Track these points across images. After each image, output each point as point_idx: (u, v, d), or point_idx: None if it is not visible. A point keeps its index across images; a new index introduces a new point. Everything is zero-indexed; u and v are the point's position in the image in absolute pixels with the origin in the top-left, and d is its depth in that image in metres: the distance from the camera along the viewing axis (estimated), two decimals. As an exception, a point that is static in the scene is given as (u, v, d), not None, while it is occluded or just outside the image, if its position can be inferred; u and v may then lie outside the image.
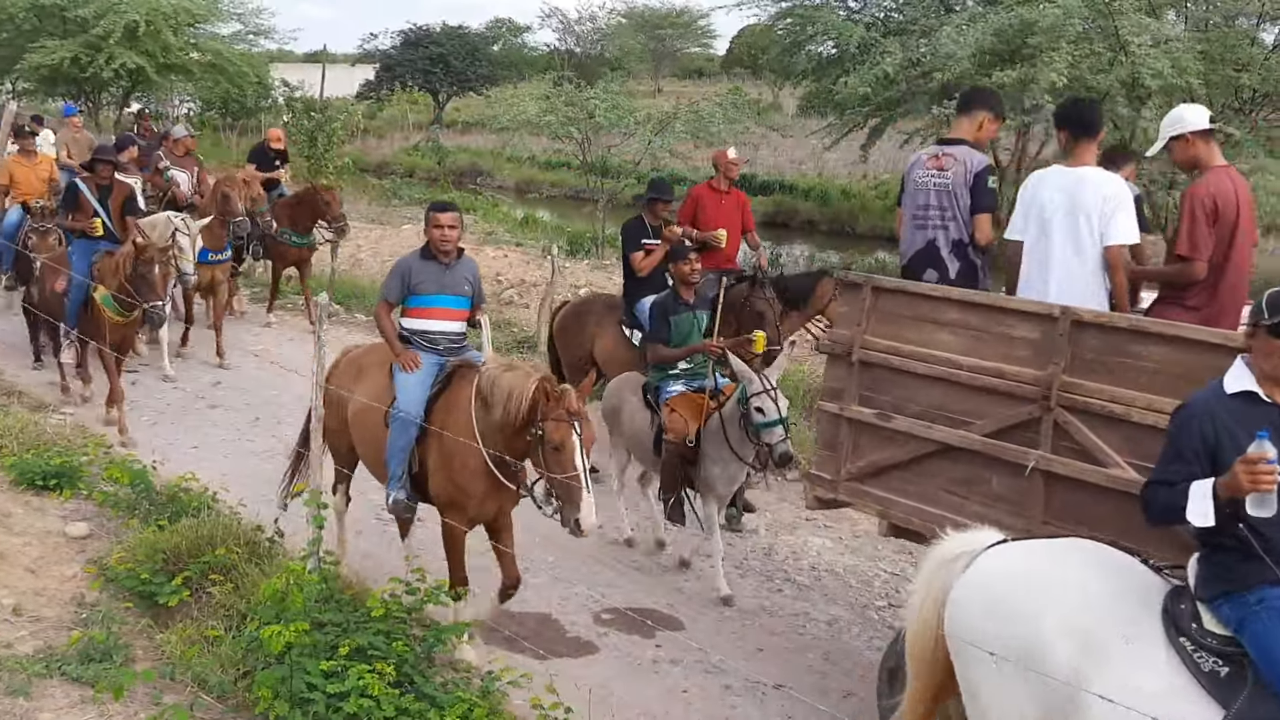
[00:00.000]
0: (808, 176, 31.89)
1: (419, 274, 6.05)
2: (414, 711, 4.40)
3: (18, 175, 11.33)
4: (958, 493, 4.88)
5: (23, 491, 7.01)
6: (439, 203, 6.32)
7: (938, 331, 5.02)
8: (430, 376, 5.92)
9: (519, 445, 5.40)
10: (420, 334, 6.09)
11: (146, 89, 30.14)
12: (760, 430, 6.40)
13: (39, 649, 5.12)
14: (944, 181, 5.78)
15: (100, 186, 9.76)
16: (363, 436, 6.20)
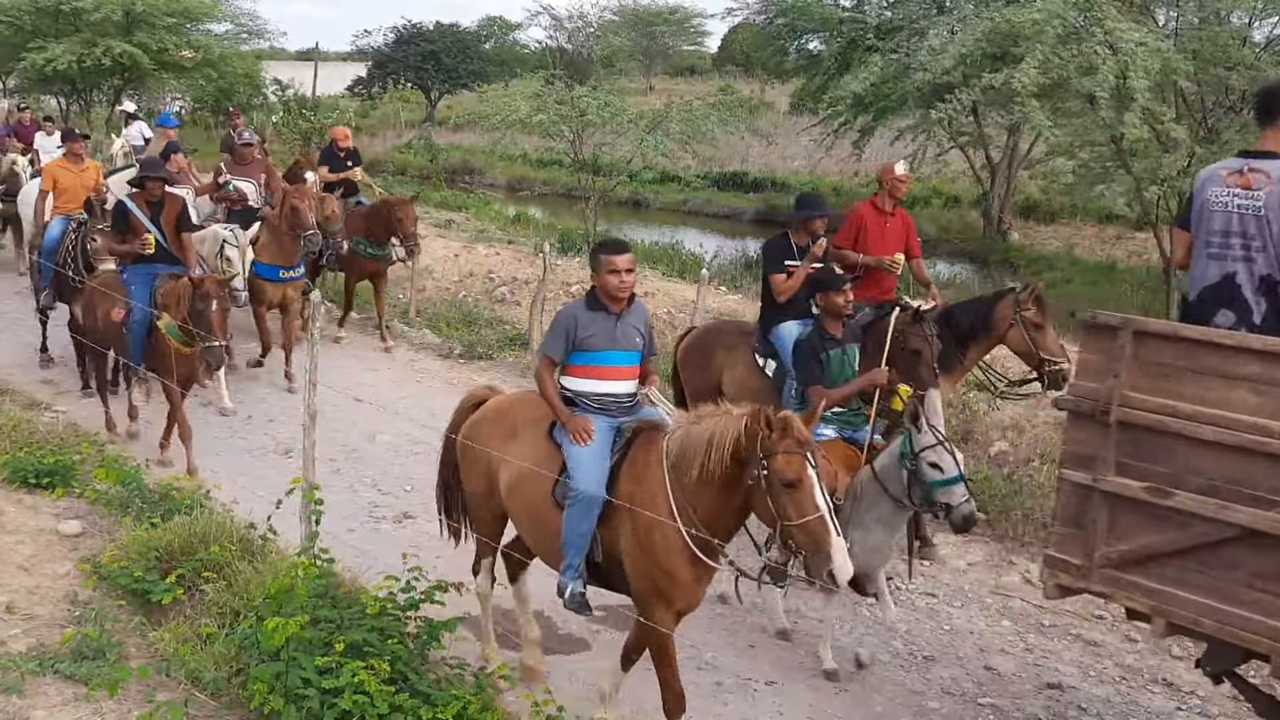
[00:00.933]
0: (799, 174, 31.91)
1: (587, 327, 5.20)
2: (408, 708, 4.42)
3: (63, 182, 10.38)
4: (1269, 590, 4.04)
5: (15, 490, 7.02)
6: (612, 242, 5.43)
7: (1233, 388, 4.17)
8: (607, 445, 5.09)
9: (732, 502, 4.65)
10: (587, 396, 5.25)
11: (139, 85, 30.07)
12: (935, 489, 5.48)
13: (32, 647, 5.14)
14: (1252, 203, 4.71)
15: (151, 203, 8.75)
16: (524, 512, 5.35)
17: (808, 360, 6.37)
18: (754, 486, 4.47)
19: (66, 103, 31.23)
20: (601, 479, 4.96)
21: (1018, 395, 8.05)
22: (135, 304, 8.30)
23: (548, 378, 5.28)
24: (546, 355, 5.34)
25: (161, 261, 8.63)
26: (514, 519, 5.48)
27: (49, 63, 26.40)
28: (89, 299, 8.87)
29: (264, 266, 10.33)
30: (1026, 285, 7.58)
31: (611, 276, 5.17)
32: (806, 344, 6.41)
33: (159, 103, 34.40)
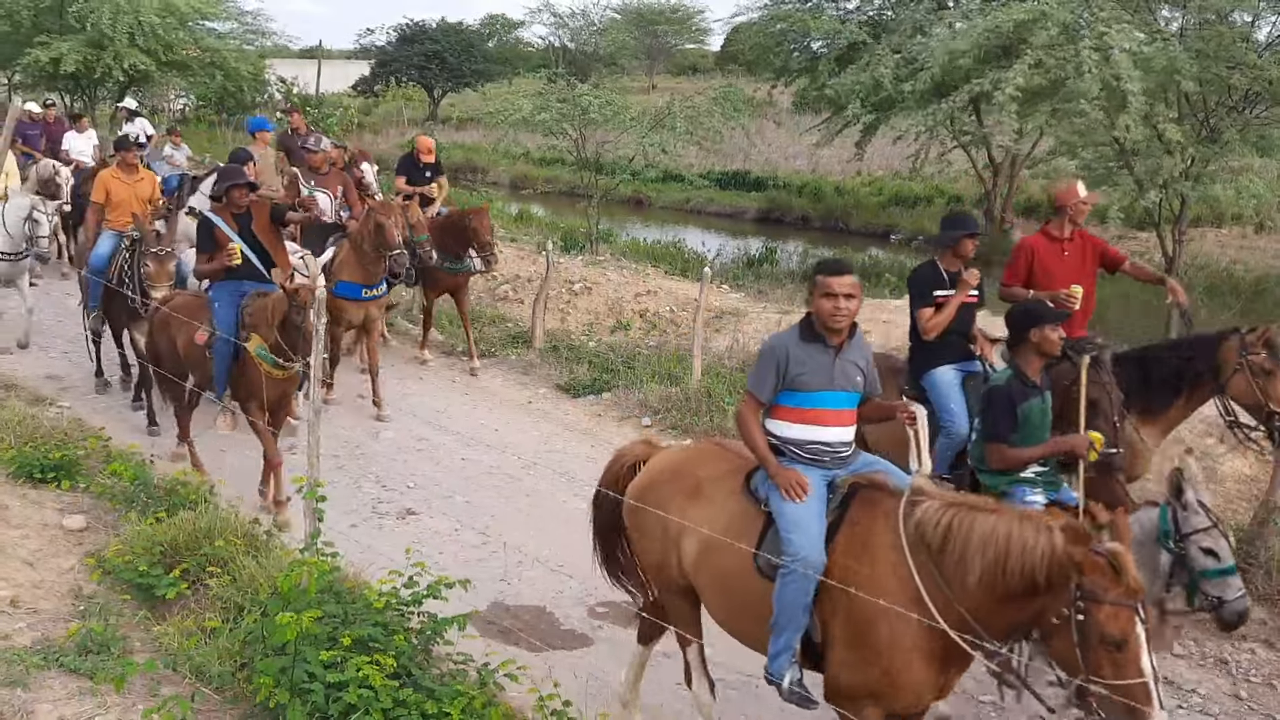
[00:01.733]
0: (801, 173, 31.92)
1: (800, 362, 4.51)
2: (412, 703, 4.43)
3: (116, 194, 9.54)
4: None
5: (20, 484, 7.04)
6: (831, 263, 4.66)
7: None
8: (823, 504, 4.40)
9: (1012, 616, 3.91)
10: (797, 444, 4.55)
11: (142, 83, 30.10)
12: (1206, 579, 4.69)
13: (37, 640, 5.15)
14: None
15: (237, 215, 8.09)
16: (718, 586, 4.65)
17: (1001, 412, 5.34)
18: (1060, 625, 3.73)
19: (71, 100, 31.25)
20: (820, 542, 4.25)
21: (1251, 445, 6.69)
22: (220, 324, 7.63)
23: (753, 421, 4.58)
24: (751, 395, 4.62)
25: (249, 278, 7.96)
26: (704, 595, 4.76)
27: (54, 61, 26.40)
28: (163, 323, 8.24)
29: (345, 285, 9.65)
30: (1254, 327, 6.51)
31: (826, 301, 4.46)
32: (1003, 392, 5.37)
33: (163, 100, 34.48)
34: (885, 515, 4.20)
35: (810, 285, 4.61)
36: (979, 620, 3.91)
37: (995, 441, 5.35)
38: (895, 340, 10.83)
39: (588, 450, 9.15)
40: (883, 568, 4.09)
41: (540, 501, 8.03)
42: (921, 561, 4.01)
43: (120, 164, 9.78)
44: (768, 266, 20.40)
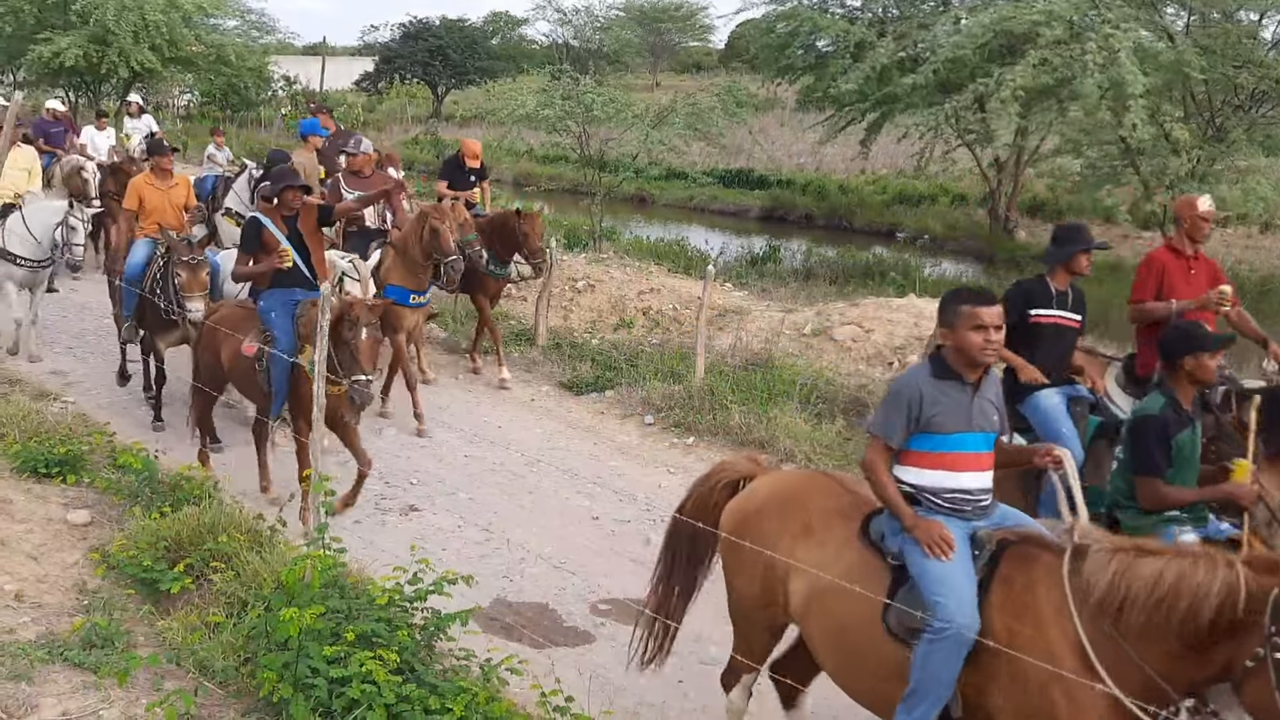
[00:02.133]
0: (805, 171, 31.93)
1: (934, 402, 4.12)
2: (415, 698, 4.44)
3: (150, 200, 9.20)
4: None
5: (24, 479, 7.05)
6: (974, 291, 4.26)
7: None
8: (970, 562, 4.00)
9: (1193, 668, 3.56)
10: (934, 493, 4.15)
11: (147, 79, 30.14)
12: None
13: (41, 635, 5.16)
14: None
15: (286, 218, 7.77)
16: (832, 639, 4.32)
17: (1152, 444, 4.84)
18: (1254, 669, 3.36)
19: (75, 96, 31.29)
20: (973, 604, 3.86)
21: None
22: (278, 335, 7.26)
23: (882, 467, 4.17)
24: (878, 439, 4.20)
25: (299, 284, 7.66)
26: (813, 643, 4.44)
27: (56, 56, 26.44)
28: (206, 335, 7.92)
29: (392, 290, 9.34)
30: None
31: (976, 335, 4.07)
32: (1155, 423, 4.86)
33: (168, 96, 34.51)
34: (1046, 571, 3.81)
35: (950, 316, 4.15)
36: (1165, 676, 3.55)
37: (1149, 476, 4.84)
38: (898, 339, 10.84)
39: (590, 448, 9.16)
40: (1044, 626, 3.73)
41: (543, 499, 8.04)
42: (1094, 619, 3.65)
43: (154, 169, 9.41)
44: (771, 265, 20.41)
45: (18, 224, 10.08)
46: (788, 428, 8.97)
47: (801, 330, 11.49)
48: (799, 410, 9.30)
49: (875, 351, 10.85)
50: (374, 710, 4.32)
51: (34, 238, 10.01)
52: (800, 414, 9.24)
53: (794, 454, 8.72)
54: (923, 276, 19.50)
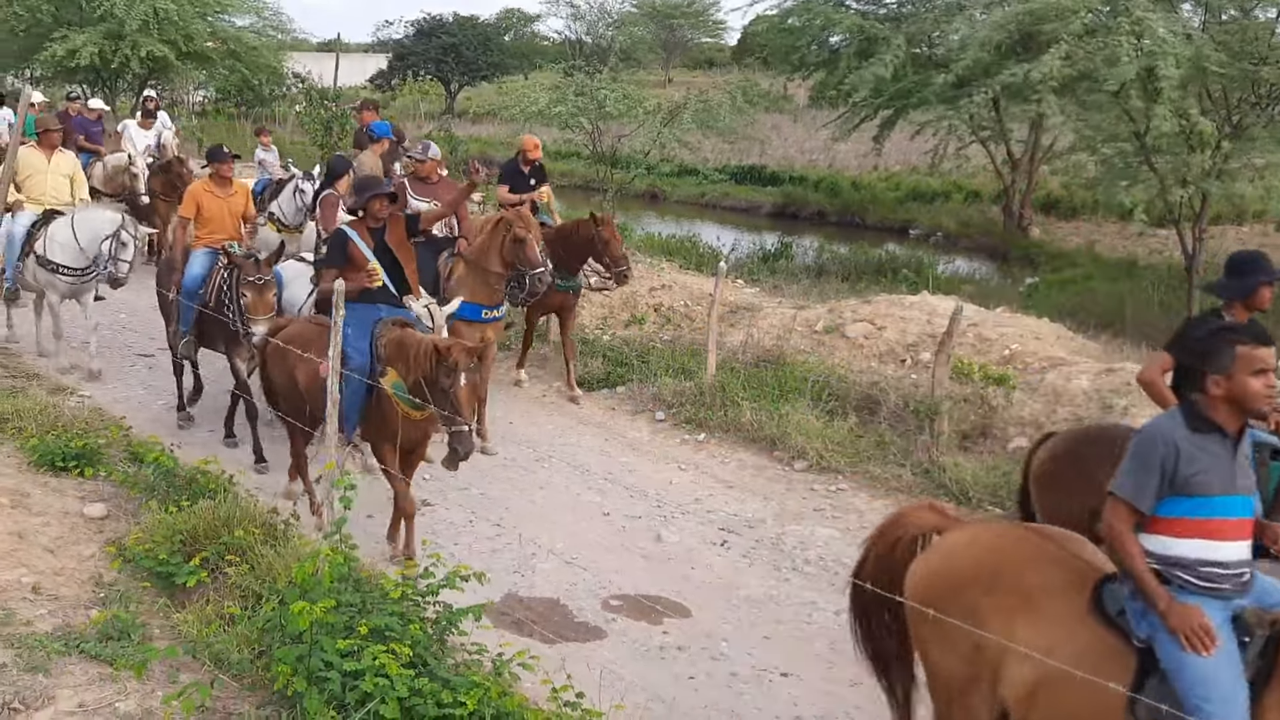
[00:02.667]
0: (818, 167, 31.87)
1: (1192, 459, 3.53)
2: (428, 692, 4.46)
3: (208, 208, 8.77)
4: None
5: (41, 472, 7.10)
6: (1253, 328, 3.75)
7: None
8: (1237, 656, 3.46)
9: None
10: (1189, 566, 3.55)
11: (162, 75, 30.25)
12: None
13: (58, 627, 5.21)
14: None
15: (373, 230, 7.26)
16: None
17: None
18: None
19: (91, 92, 31.42)
20: (1246, 713, 3.36)
21: None
22: (352, 354, 6.70)
23: (1129, 537, 3.59)
24: (1124, 502, 3.61)
25: (383, 301, 7.18)
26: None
27: (71, 54, 26.54)
28: (275, 355, 7.39)
29: (464, 306, 8.69)
30: None
31: (1255, 380, 3.50)
32: None
33: (182, 92, 34.63)
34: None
35: (1223, 359, 3.53)
36: None
37: None
38: (911, 337, 10.83)
39: (601, 444, 9.18)
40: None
41: (554, 494, 8.07)
42: None
43: (213, 176, 8.97)
44: (783, 262, 20.39)
45: (63, 232, 9.71)
46: (799, 425, 8.98)
47: (813, 327, 11.48)
48: (811, 407, 9.30)
49: (888, 349, 10.84)
50: (387, 704, 4.34)
51: (79, 246, 9.63)
52: (812, 411, 9.25)
53: (805, 451, 8.74)
54: (936, 274, 19.48)
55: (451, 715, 4.41)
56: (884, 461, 8.65)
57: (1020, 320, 11.50)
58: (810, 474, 8.62)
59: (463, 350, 6.32)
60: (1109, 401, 8.84)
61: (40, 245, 9.77)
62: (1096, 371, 9.39)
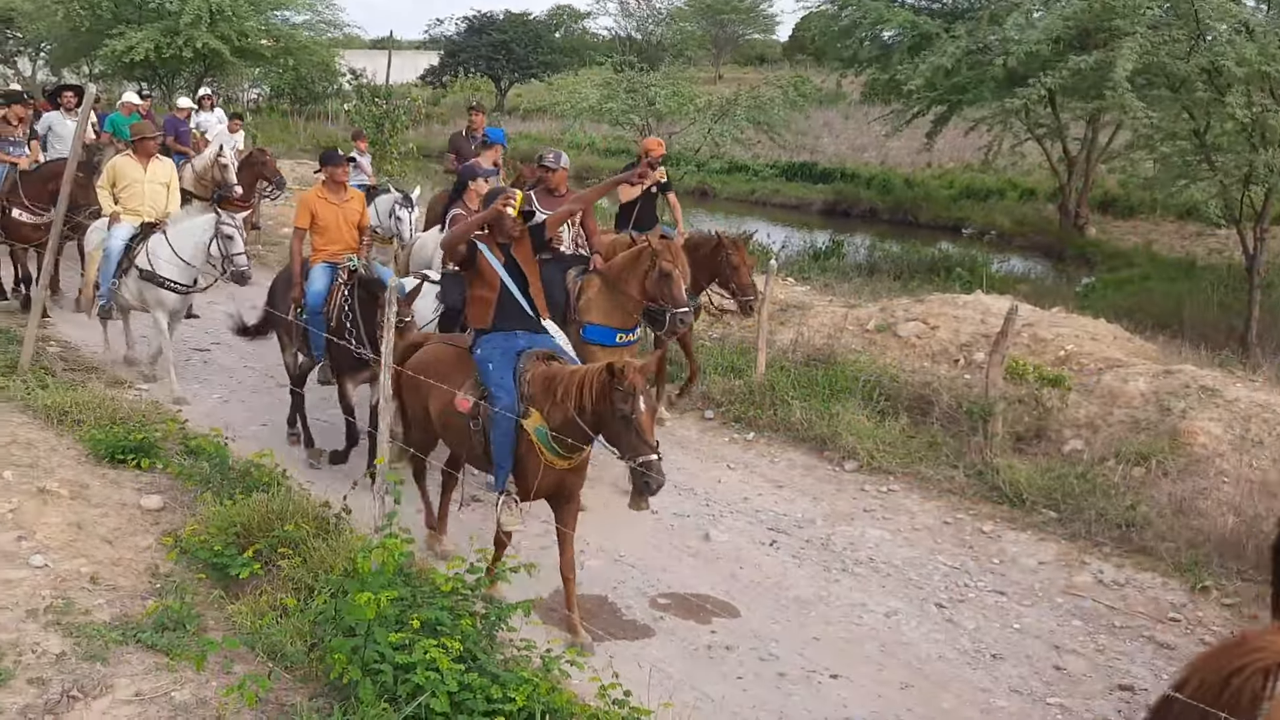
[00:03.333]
0: (870, 164, 31.66)
1: None
2: (477, 687, 4.48)
3: (323, 217, 8.10)
4: None
5: (100, 464, 7.21)
6: None
7: None
8: None
9: None
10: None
11: (218, 72, 30.67)
12: None
13: (115, 617, 5.29)
14: None
15: (503, 245, 6.35)
16: None
17: None
18: None
19: (149, 88, 31.94)
20: None
21: None
22: (497, 392, 5.89)
23: None
24: None
25: (521, 324, 6.27)
26: None
27: (129, 50, 26.99)
28: (407, 381, 6.65)
29: (595, 329, 8.21)
30: None
31: None
32: None
33: (238, 89, 35.09)
34: None
35: None
36: None
37: None
38: (964, 336, 10.72)
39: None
40: None
41: (603, 491, 8.06)
42: None
43: (327, 182, 8.30)
44: (834, 260, 20.28)
45: (162, 247, 9.25)
46: (850, 424, 8.92)
47: (865, 326, 11.39)
48: (861, 407, 9.24)
49: (941, 349, 10.73)
50: (437, 697, 4.37)
51: (183, 260, 9.19)
52: (863, 411, 9.18)
53: (856, 451, 8.68)
54: (990, 273, 19.28)
55: (500, 710, 4.43)
56: (936, 463, 8.57)
57: (1076, 320, 11.34)
58: (861, 474, 8.56)
59: (638, 371, 5.52)
60: (1166, 404, 8.69)
61: (143, 260, 9.31)
62: (1154, 373, 9.23)
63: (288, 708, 4.61)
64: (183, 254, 9.16)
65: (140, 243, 9.40)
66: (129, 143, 10.38)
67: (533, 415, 5.81)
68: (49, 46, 33.37)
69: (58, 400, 8.04)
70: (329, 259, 8.10)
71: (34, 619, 5.10)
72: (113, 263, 9.46)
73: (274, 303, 8.59)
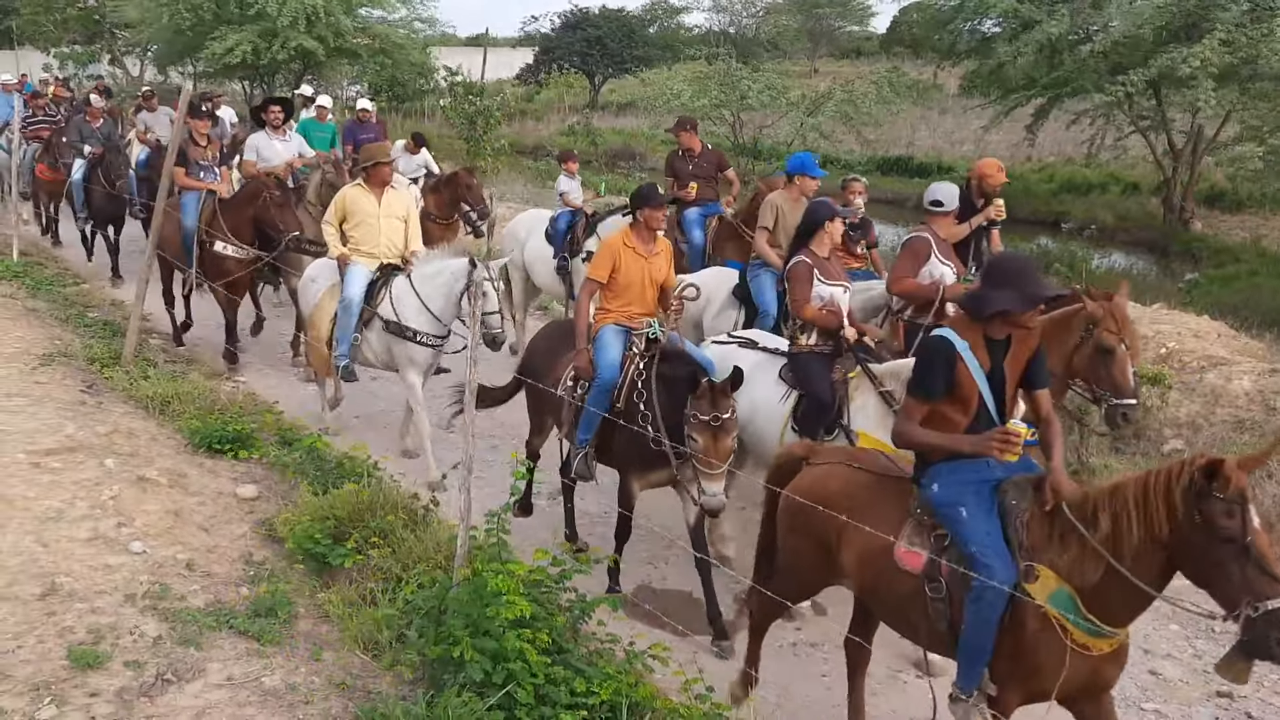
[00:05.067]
0: (967, 159, 31.09)
1: None
2: (562, 679, 4.50)
3: (626, 272, 6.43)
4: None
5: (197, 454, 7.41)
6: None
7: None
8: None
9: None
10: None
11: (316, 72, 31.32)
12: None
13: (210, 603, 5.43)
14: None
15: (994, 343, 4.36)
16: None
17: None
18: None
19: (250, 88, 32.76)
20: None
21: None
22: (978, 551, 4.07)
23: None
24: None
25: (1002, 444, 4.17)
26: None
27: (229, 51, 27.71)
28: (799, 517, 4.79)
29: None
30: None
31: None
32: None
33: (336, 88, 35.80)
34: None
35: None
36: None
37: None
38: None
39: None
40: None
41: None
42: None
43: (638, 227, 6.48)
44: (929, 254, 19.93)
45: (408, 294, 7.97)
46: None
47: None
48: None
49: (1037, 345, 10.49)
50: (524, 688, 4.40)
51: (431, 312, 7.89)
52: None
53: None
54: (1090, 268, 18.77)
55: (584, 704, 4.45)
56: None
57: (1178, 317, 10.98)
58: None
59: (1244, 467, 3.64)
60: (1273, 404, 8.37)
61: (387, 308, 8.01)
62: (1260, 372, 8.90)
63: (374, 695, 4.68)
64: (431, 305, 7.87)
65: (382, 288, 8.10)
66: (342, 163, 9.65)
67: (1041, 575, 3.98)
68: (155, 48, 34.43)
69: (159, 390, 8.29)
70: (623, 322, 6.47)
71: (132, 604, 5.25)
72: (354, 315, 8.01)
73: (534, 368, 6.91)
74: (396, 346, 8.01)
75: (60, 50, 36.83)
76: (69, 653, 4.75)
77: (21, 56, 37.34)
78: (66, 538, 5.81)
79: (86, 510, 6.13)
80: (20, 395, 8.00)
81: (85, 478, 6.54)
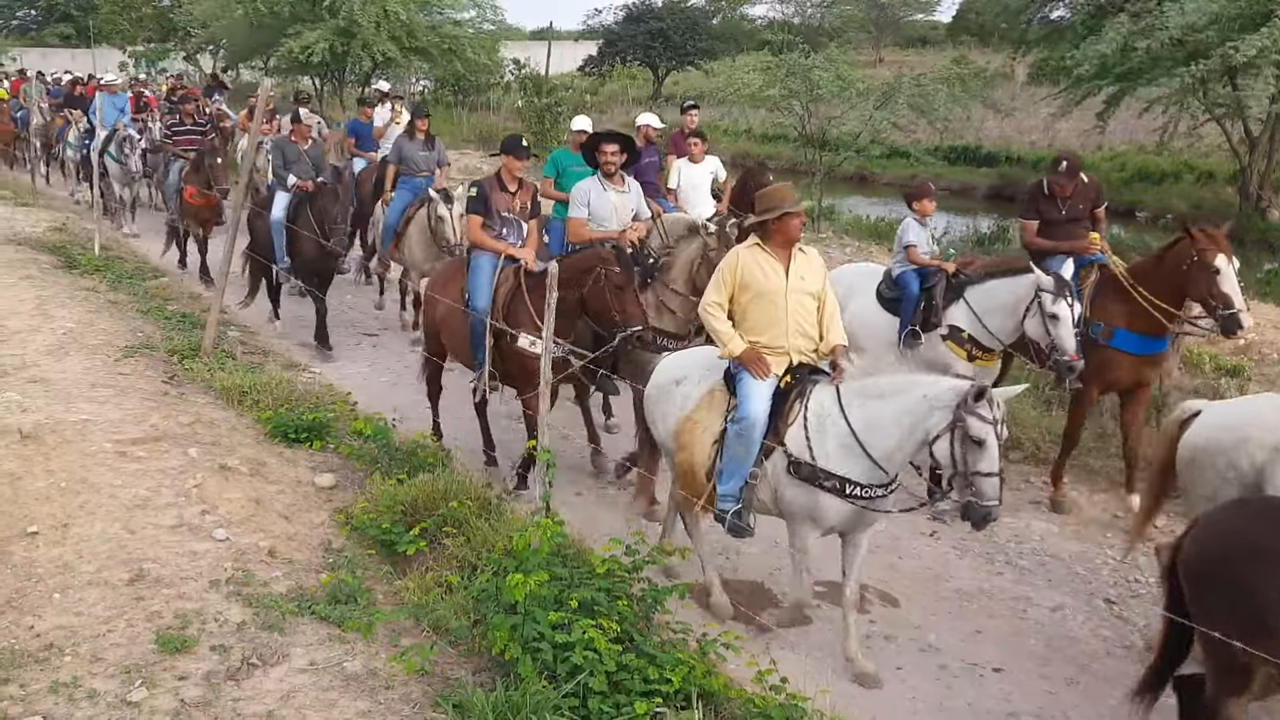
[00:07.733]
0: (1036, 148, 30.60)
1: None
2: (634, 668, 4.53)
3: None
4: None
5: (276, 444, 7.55)
6: None
7: None
8: None
9: None
10: None
11: (387, 67, 31.71)
12: None
13: (291, 589, 5.53)
14: None
15: None
16: None
17: None
18: None
19: (321, 84, 33.22)
20: None
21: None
22: None
23: None
24: None
25: None
26: None
27: (305, 49, 28.11)
28: None
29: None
30: None
31: None
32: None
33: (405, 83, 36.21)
34: None
35: None
36: None
37: None
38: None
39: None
40: None
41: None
42: None
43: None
44: (999, 245, 19.67)
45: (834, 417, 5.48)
46: (1015, 414, 8.63)
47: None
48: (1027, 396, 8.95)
49: (1111, 336, 10.32)
50: (596, 676, 4.43)
51: (871, 456, 5.33)
52: (1028, 400, 8.90)
53: (1021, 441, 8.42)
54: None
55: (657, 691, 4.47)
56: (1105, 454, 8.26)
57: (1257, 308, 10.74)
58: (1026, 465, 8.31)
59: None
60: (1360, 396, 8.16)
61: (797, 439, 5.47)
62: (1345, 363, 8.70)
63: (452, 680, 4.74)
64: (873, 440, 5.33)
65: (795, 403, 5.56)
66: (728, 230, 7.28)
67: None
68: (227, 44, 35.09)
69: (238, 381, 8.45)
70: None
71: (216, 589, 5.38)
72: (755, 442, 5.58)
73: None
74: (800, 494, 5.51)
75: (135, 49, 37.69)
76: (157, 637, 4.88)
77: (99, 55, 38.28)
78: (153, 525, 5.95)
79: (171, 498, 6.27)
80: (105, 386, 8.20)
81: (170, 466, 6.69)
